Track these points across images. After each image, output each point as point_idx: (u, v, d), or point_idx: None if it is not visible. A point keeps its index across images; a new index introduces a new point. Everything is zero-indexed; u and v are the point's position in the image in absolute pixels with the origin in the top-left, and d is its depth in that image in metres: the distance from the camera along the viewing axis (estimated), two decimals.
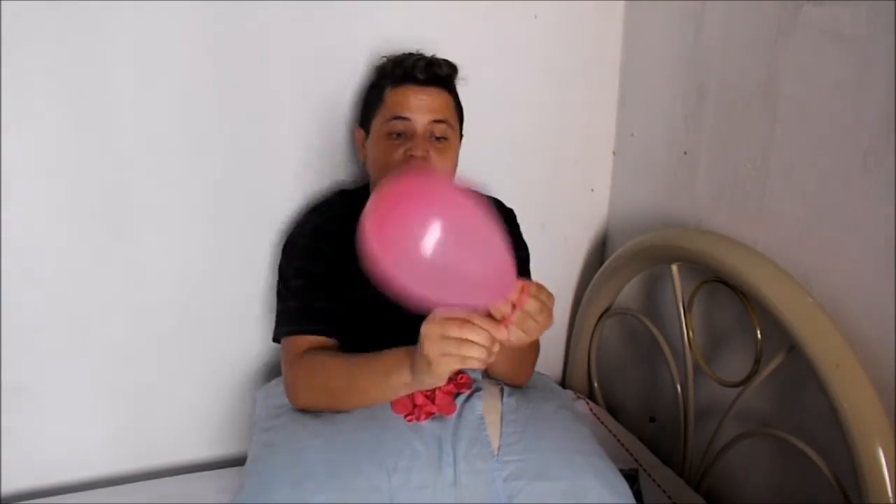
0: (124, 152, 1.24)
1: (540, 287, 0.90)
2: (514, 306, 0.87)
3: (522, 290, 0.87)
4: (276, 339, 1.18)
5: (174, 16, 1.20)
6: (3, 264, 1.22)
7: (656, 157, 1.45)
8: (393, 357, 0.99)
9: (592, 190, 1.61)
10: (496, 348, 0.87)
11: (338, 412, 1.07)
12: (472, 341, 0.86)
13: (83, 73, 1.18)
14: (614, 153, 1.59)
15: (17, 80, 1.15)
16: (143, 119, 1.23)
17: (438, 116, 1.16)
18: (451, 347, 0.86)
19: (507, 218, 1.30)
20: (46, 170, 1.21)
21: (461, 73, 1.22)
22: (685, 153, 1.37)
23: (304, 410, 1.10)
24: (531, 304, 0.88)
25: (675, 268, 1.34)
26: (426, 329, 0.88)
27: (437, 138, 1.17)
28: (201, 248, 1.33)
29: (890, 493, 0.94)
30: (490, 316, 0.87)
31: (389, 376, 0.99)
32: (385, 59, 1.24)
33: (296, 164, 1.35)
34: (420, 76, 1.16)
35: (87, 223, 1.25)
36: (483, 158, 1.43)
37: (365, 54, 1.31)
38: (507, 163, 1.50)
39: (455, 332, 0.86)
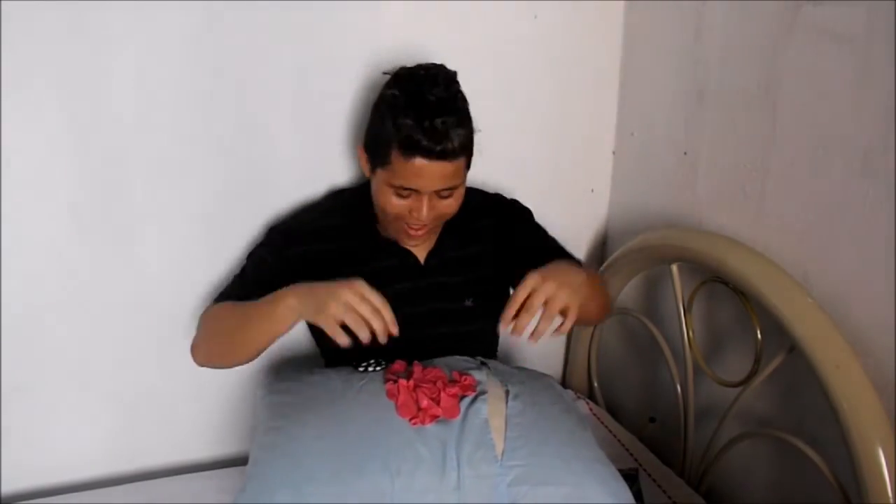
0: (124, 153, 1.24)
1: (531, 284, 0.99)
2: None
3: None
4: (216, 299, 1.23)
5: (174, 18, 1.20)
6: (3, 264, 1.22)
7: (656, 157, 1.45)
8: (281, 291, 1.06)
9: (592, 190, 1.61)
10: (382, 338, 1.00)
11: (235, 364, 1.14)
12: (368, 323, 0.99)
13: (83, 73, 1.18)
14: (614, 153, 1.59)
15: (18, 80, 1.15)
16: (142, 121, 1.23)
17: (446, 185, 1.12)
18: (349, 318, 0.98)
19: (523, 218, 1.32)
20: (46, 170, 1.21)
21: (479, 132, 1.16)
22: (685, 153, 1.37)
23: (203, 358, 1.18)
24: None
25: (675, 268, 1.34)
26: (344, 292, 0.99)
27: (441, 194, 1.13)
28: (201, 248, 1.33)
29: (890, 493, 0.94)
30: None
31: (276, 304, 1.05)
32: (396, 92, 1.11)
33: (295, 166, 1.35)
34: (435, 157, 1.08)
35: (87, 223, 1.25)
36: (483, 159, 1.42)
37: (365, 55, 1.31)
38: (507, 163, 1.50)
39: (364, 310, 0.98)
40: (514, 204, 1.34)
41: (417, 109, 1.08)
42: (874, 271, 1.02)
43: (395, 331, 1.01)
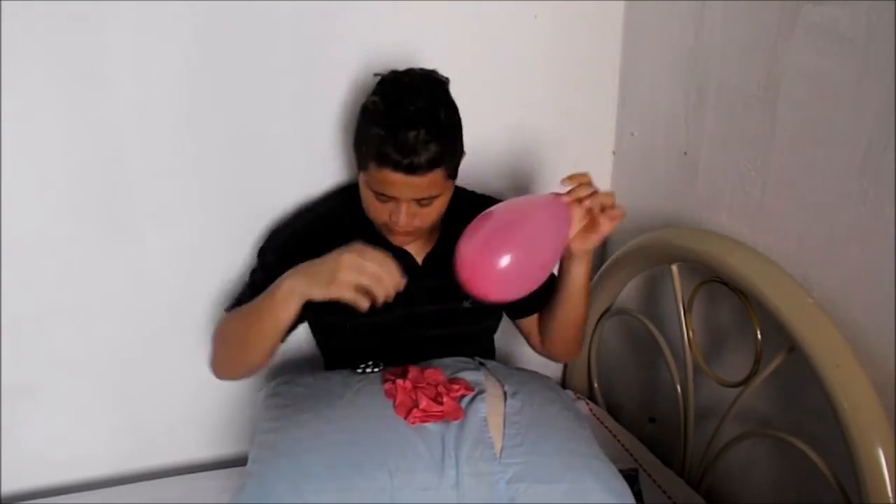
0: (124, 153, 1.24)
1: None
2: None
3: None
4: (226, 309, 1.23)
5: (174, 16, 1.20)
6: (3, 264, 1.22)
7: (656, 157, 1.45)
8: (278, 280, 1.07)
9: None
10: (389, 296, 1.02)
11: (252, 365, 1.15)
12: (382, 279, 1.01)
13: (83, 73, 1.18)
14: (614, 153, 1.59)
15: (18, 79, 1.15)
16: (142, 119, 1.23)
17: (422, 195, 1.10)
18: (364, 279, 1.00)
19: None
20: (46, 170, 1.21)
21: (451, 125, 1.13)
22: (685, 153, 1.37)
23: (224, 372, 1.18)
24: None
25: (675, 268, 1.34)
26: (347, 257, 1.01)
27: (423, 203, 1.12)
28: (201, 248, 1.33)
29: (890, 493, 0.94)
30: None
31: (274, 291, 1.05)
32: (376, 99, 1.10)
33: (295, 165, 1.35)
34: (403, 171, 1.06)
35: (87, 223, 1.25)
36: (483, 159, 1.42)
37: (365, 55, 1.31)
38: (507, 163, 1.50)
39: (371, 268, 1.00)
40: None
41: (392, 120, 1.07)
42: (874, 271, 1.02)
43: (401, 284, 1.03)
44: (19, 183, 1.20)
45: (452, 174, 1.16)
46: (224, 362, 1.18)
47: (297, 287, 1.04)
